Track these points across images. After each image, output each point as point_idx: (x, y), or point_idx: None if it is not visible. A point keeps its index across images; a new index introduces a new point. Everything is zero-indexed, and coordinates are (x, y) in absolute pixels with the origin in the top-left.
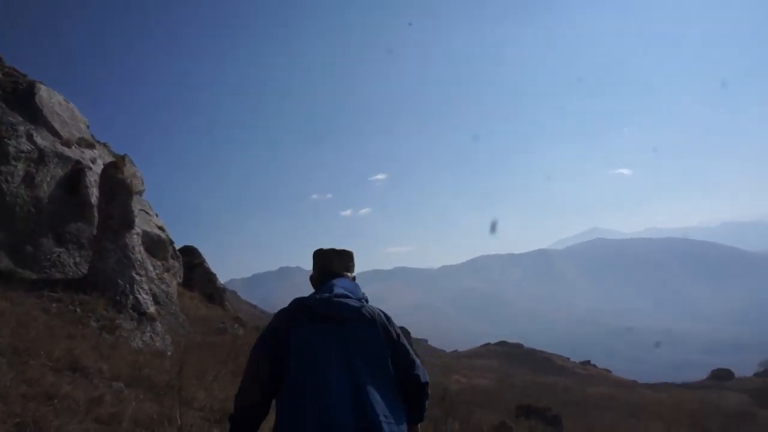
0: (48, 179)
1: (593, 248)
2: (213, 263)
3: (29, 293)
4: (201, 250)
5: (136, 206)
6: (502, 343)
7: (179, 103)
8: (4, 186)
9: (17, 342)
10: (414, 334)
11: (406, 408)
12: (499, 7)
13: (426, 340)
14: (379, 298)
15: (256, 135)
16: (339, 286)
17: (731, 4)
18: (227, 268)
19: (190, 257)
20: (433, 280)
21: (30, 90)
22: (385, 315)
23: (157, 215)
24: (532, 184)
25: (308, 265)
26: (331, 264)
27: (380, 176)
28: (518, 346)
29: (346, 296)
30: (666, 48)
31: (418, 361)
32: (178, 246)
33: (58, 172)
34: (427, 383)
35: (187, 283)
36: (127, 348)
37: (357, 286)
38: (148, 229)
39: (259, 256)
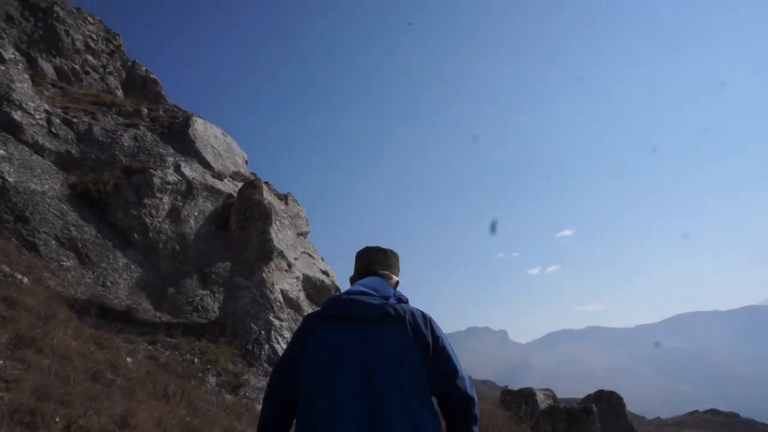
0: (195, 214)
1: None
2: None
3: (145, 337)
4: None
5: (297, 246)
6: (714, 411)
7: (359, 152)
8: (147, 220)
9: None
10: None
11: (445, 426)
12: None
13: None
14: (570, 359)
15: (440, 191)
16: (361, 284)
17: None
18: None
19: None
20: (629, 339)
21: (185, 122)
22: (423, 315)
23: (322, 259)
24: (737, 230)
25: (497, 325)
26: (372, 263)
27: (567, 232)
28: (733, 415)
29: (366, 293)
30: None
31: (462, 372)
32: None
33: (208, 206)
34: (473, 400)
35: None
36: (251, 415)
37: (387, 284)
38: (311, 274)
39: (448, 315)
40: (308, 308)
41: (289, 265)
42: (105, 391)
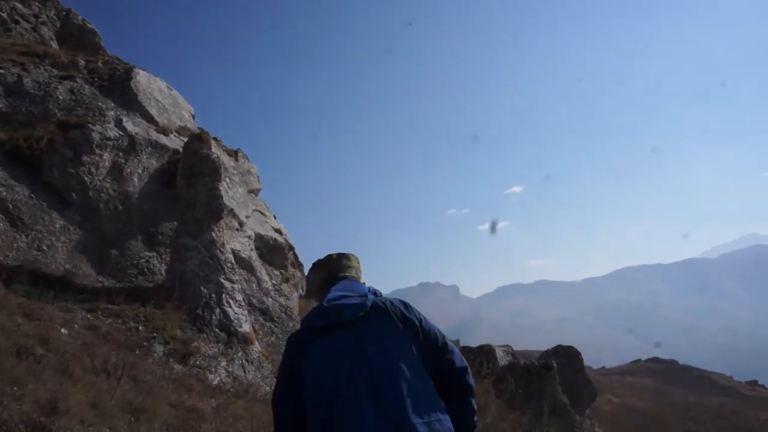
0: (139, 171)
1: (751, 256)
2: None
3: (83, 304)
4: None
5: (249, 204)
6: (655, 360)
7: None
8: (86, 179)
9: None
10: None
11: (450, 408)
12: None
13: None
14: (521, 312)
15: (389, 147)
16: (335, 289)
17: None
18: (368, 284)
19: None
20: (577, 292)
21: (126, 75)
22: (403, 303)
23: (275, 217)
24: (677, 189)
25: (448, 281)
26: (337, 269)
27: (516, 188)
28: (672, 362)
29: (344, 296)
30: None
31: (452, 346)
32: (313, 259)
33: (152, 163)
34: (466, 369)
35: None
36: (202, 386)
37: (358, 282)
38: (263, 232)
39: (399, 271)
40: (261, 268)
41: (241, 224)
42: (32, 370)
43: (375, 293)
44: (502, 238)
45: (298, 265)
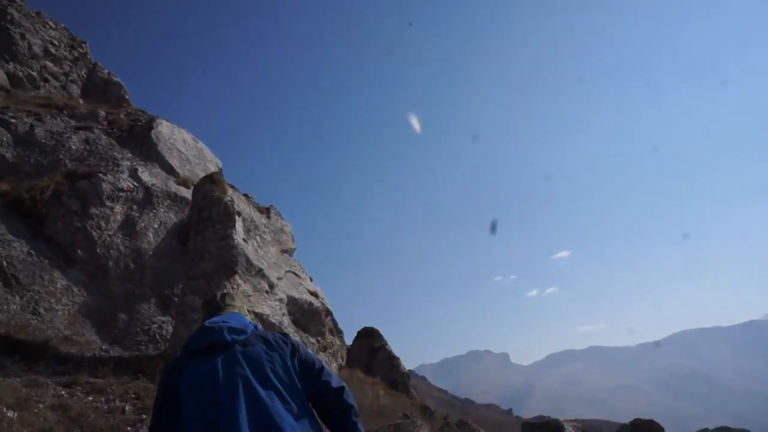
0: (155, 226)
1: None
2: (400, 349)
3: (60, 378)
4: (383, 333)
5: (281, 265)
6: (724, 429)
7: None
8: (94, 234)
9: None
10: (616, 419)
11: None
12: None
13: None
14: (573, 380)
15: (432, 218)
16: (216, 318)
17: None
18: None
19: (371, 340)
20: (632, 358)
21: (148, 125)
22: (282, 333)
23: (311, 279)
24: (732, 248)
25: (498, 349)
26: (220, 308)
27: (563, 253)
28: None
29: (224, 321)
30: None
31: (328, 369)
32: (356, 328)
33: (171, 217)
34: (343, 388)
35: (368, 369)
36: None
37: (243, 316)
38: (297, 296)
39: (448, 340)
40: (294, 335)
41: (271, 286)
42: None
43: (256, 326)
44: (551, 304)
45: (338, 332)
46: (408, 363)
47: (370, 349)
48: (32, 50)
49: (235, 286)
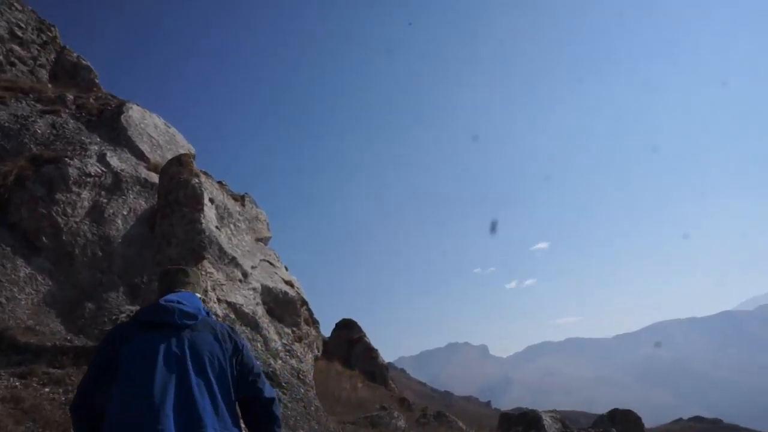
0: (124, 212)
1: None
2: (379, 341)
3: (15, 368)
4: (362, 325)
5: (256, 254)
6: (698, 419)
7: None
8: (60, 220)
9: None
10: (593, 409)
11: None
12: None
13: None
14: (552, 371)
15: (412, 209)
16: (173, 296)
17: None
18: (395, 346)
19: (349, 331)
20: (609, 349)
21: (118, 109)
22: (230, 326)
23: (286, 268)
24: (708, 240)
25: (477, 341)
26: (175, 283)
27: (542, 245)
28: (717, 421)
29: (181, 303)
30: None
31: (264, 378)
32: (335, 320)
33: (141, 203)
34: (273, 399)
35: (346, 361)
36: None
37: (197, 298)
38: (272, 285)
39: (427, 332)
40: (268, 325)
41: (245, 275)
42: None
43: (208, 312)
44: (529, 296)
45: (313, 323)
46: (387, 355)
47: (349, 341)
48: None
49: (203, 272)
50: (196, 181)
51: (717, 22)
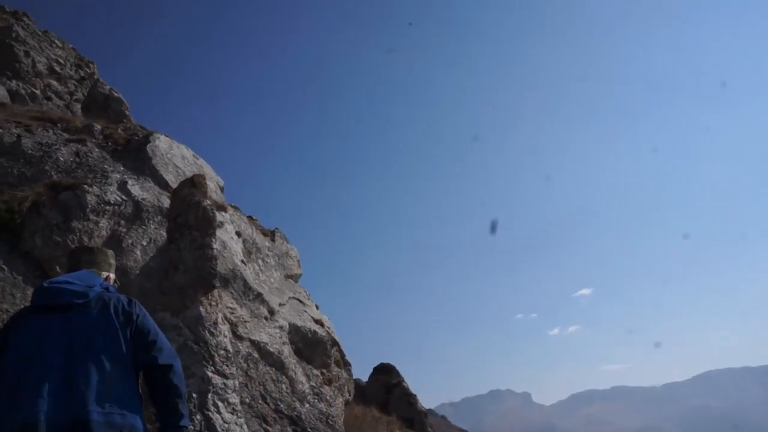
0: (144, 243)
1: None
2: (419, 387)
3: None
4: (400, 370)
5: (284, 291)
6: None
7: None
8: None
9: None
10: None
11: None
12: None
13: None
14: (598, 421)
15: (454, 254)
16: (64, 276)
17: None
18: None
19: (387, 376)
20: (658, 399)
21: (145, 139)
22: (129, 298)
23: (317, 307)
24: (760, 286)
25: (520, 388)
26: (79, 262)
27: (585, 291)
28: None
29: (69, 282)
30: None
31: (163, 344)
32: (373, 364)
33: (162, 234)
34: (170, 366)
35: (384, 407)
36: None
37: (94, 275)
38: (300, 323)
39: (469, 379)
40: (296, 366)
41: (271, 312)
42: None
43: (107, 288)
44: (573, 342)
45: (345, 365)
46: (427, 402)
47: (387, 386)
48: (36, 68)
49: (214, 303)
50: (208, 203)
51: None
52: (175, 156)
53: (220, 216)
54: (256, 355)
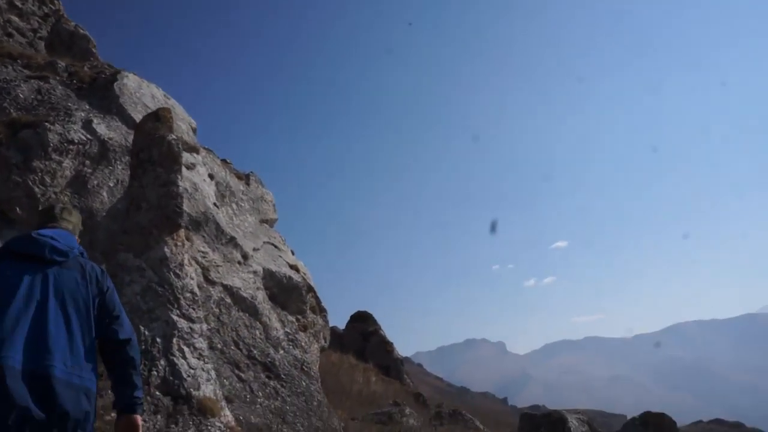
0: (111, 184)
1: None
2: (396, 335)
3: None
4: (377, 318)
5: (259, 235)
6: (718, 421)
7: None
8: (37, 190)
9: None
10: (611, 409)
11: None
12: None
13: (625, 416)
14: (570, 369)
15: (433, 199)
16: (50, 231)
17: None
18: (412, 341)
19: (364, 324)
20: (628, 349)
21: (112, 78)
22: (101, 269)
23: (292, 252)
24: (734, 237)
25: (495, 337)
26: (56, 219)
27: (561, 243)
28: (738, 425)
29: (54, 238)
30: None
31: (124, 319)
32: (350, 312)
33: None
34: (129, 340)
35: (360, 354)
36: None
37: (73, 238)
38: (275, 268)
39: (445, 328)
40: (270, 312)
41: (245, 257)
42: None
43: (82, 253)
44: (548, 293)
45: (321, 311)
46: (404, 350)
47: (363, 334)
48: None
49: (180, 243)
50: (174, 137)
51: (717, 22)
52: (144, 95)
53: (191, 157)
54: (228, 300)
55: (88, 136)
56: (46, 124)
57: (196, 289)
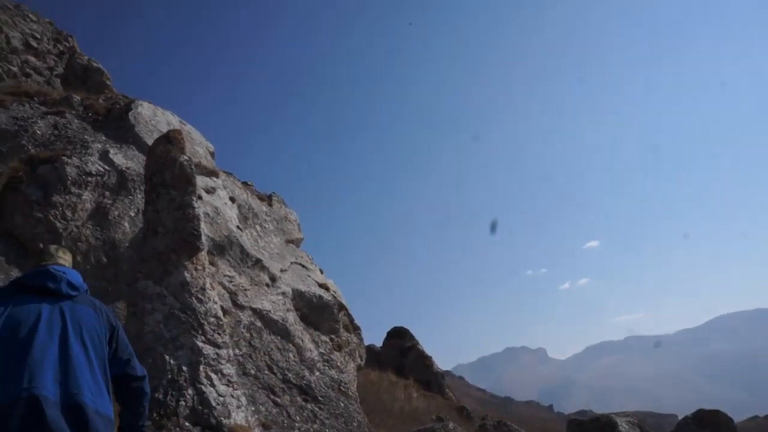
0: (132, 214)
1: None
2: (434, 349)
3: None
4: (414, 333)
5: (286, 256)
6: None
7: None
8: (59, 225)
9: None
10: (660, 409)
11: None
12: None
13: (676, 416)
14: (613, 372)
15: (457, 217)
16: (61, 267)
17: None
18: (451, 354)
19: (401, 340)
20: (672, 346)
21: (126, 107)
22: (109, 309)
23: (321, 271)
24: (766, 231)
25: (534, 344)
26: (53, 258)
27: (593, 243)
28: None
29: (66, 273)
30: None
31: (134, 355)
32: (386, 329)
33: None
34: (145, 377)
35: (399, 371)
36: None
37: (79, 275)
38: (304, 289)
39: (484, 339)
40: (302, 333)
41: (273, 279)
42: None
43: (87, 291)
44: (584, 295)
45: (354, 329)
46: (444, 363)
47: (401, 350)
48: (11, 44)
49: (200, 267)
50: (185, 158)
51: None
52: (159, 122)
53: (211, 181)
54: (259, 324)
55: (106, 167)
56: (64, 158)
57: (220, 313)
